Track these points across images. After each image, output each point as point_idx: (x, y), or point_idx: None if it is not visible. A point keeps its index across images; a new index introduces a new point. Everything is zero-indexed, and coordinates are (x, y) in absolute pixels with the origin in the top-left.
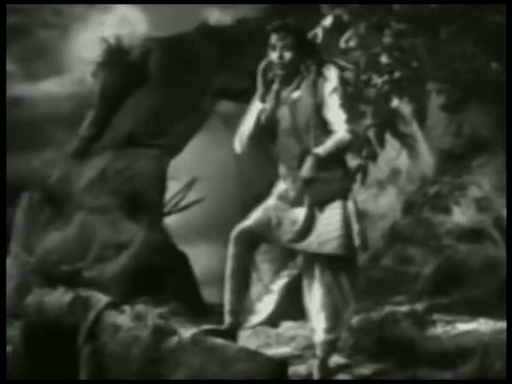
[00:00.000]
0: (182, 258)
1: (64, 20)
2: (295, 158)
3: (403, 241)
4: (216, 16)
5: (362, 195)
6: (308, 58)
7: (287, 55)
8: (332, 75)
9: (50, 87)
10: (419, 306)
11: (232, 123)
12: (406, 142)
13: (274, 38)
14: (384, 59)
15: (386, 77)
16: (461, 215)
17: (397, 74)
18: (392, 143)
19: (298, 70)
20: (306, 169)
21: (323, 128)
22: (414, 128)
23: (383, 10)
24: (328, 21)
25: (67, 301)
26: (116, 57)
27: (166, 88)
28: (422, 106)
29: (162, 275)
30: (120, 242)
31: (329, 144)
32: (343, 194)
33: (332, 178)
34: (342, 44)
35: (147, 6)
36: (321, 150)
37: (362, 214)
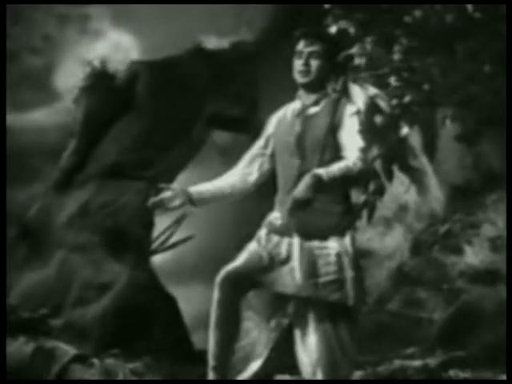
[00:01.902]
0: (169, 301)
1: (53, 46)
2: (293, 179)
3: (411, 283)
4: (213, 43)
5: (367, 234)
6: (336, 73)
7: (314, 63)
8: (358, 97)
9: (38, 117)
10: (432, 361)
11: (229, 155)
12: (415, 176)
13: (301, 45)
14: (393, 81)
15: (394, 101)
16: (473, 256)
17: (407, 98)
18: (399, 177)
19: (323, 84)
20: (301, 189)
21: (334, 152)
22: (424, 161)
23: (392, 22)
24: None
25: (28, 352)
26: (100, 81)
27: (154, 115)
28: (432, 136)
29: (148, 320)
30: (102, 283)
31: (334, 168)
32: (340, 232)
33: (330, 211)
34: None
35: (140, 32)
36: (323, 171)
37: (365, 255)
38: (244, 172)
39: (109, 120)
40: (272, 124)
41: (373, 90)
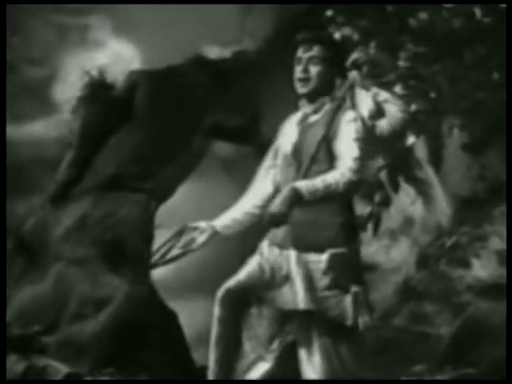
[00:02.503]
0: (170, 316)
1: (53, 57)
2: None
3: (418, 297)
4: (215, 53)
5: (372, 247)
6: (338, 78)
7: (313, 69)
8: (363, 102)
9: (37, 129)
10: (442, 378)
11: (231, 167)
12: (421, 188)
13: (300, 51)
14: (398, 89)
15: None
16: (481, 269)
17: (413, 107)
18: (405, 189)
19: (323, 92)
20: (277, 203)
21: (327, 163)
22: (429, 172)
23: (397, 28)
24: (354, 56)
25: (20, 371)
26: (98, 91)
27: (154, 125)
28: (438, 146)
29: (147, 336)
30: (100, 298)
31: (317, 181)
32: (339, 244)
33: (327, 223)
34: (348, 65)
35: (141, 42)
36: (303, 185)
37: (370, 268)
38: (260, 187)
39: (107, 131)
40: (280, 133)
41: (384, 95)
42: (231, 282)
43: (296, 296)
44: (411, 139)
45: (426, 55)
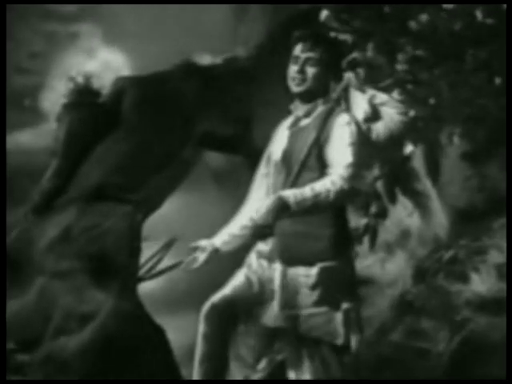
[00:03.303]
0: (157, 332)
1: (41, 65)
2: None
3: (415, 312)
4: (206, 59)
5: (367, 260)
6: (335, 81)
7: (310, 71)
8: (359, 105)
9: (24, 138)
10: None
11: (224, 179)
12: (418, 200)
13: (298, 49)
14: (396, 95)
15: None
16: (480, 283)
17: (411, 113)
18: (401, 200)
19: (318, 94)
20: (261, 213)
21: (317, 171)
22: (427, 184)
23: (396, 29)
24: (350, 56)
25: None
26: (84, 97)
27: (141, 134)
28: (436, 156)
29: (133, 352)
30: (84, 313)
31: (306, 190)
32: (330, 258)
33: (317, 235)
34: (343, 66)
35: (132, 51)
36: (291, 194)
37: (365, 283)
38: (256, 198)
39: (93, 139)
40: (272, 139)
41: (381, 97)
42: (217, 297)
43: (275, 312)
44: (409, 148)
45: (425, 58)
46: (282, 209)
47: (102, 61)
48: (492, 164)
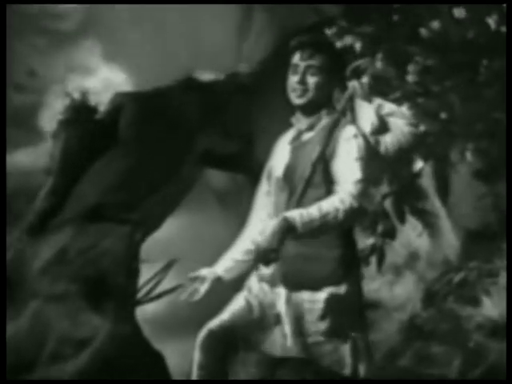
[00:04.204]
0: (155, 358)
1: (40, 83)
2: None
3: (424, 337)
4: (207, 75)
5: (374, 283)
6: (339, 90)
7: (311, 80)
8: (365, 116)
9: (22, 158)
10: None
11: (226, 199)
12: (427, 220)
13: (297, 57)
14: (405, 108)
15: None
16: (492, 307)
17: (421, 128)
18: (410, 220)
19: (321, 105)
20: (266, 237)
21: (324, 187)
22: (436, 203)
23: (406, 37)
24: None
25: None
26: (80, 114)
27: (140, 151)
28: (447, 173)
29: (130, 379)
30: (80, 338)
31: (313, 210)
32: (337, 281)
33: (323, 257)
34: (347, 73)
35: (133, 68)
36: (297, 215)
37: (373, 306)
38: (259, 218)
39: (90, 157)
40: (272, 153)
41: (389, 107)
42: (214, 323)
43: (285, 341)
44: (419, 164)
45: (436, 69)
46: (287, 231)
47: (102, 78)
48: (504, 182)
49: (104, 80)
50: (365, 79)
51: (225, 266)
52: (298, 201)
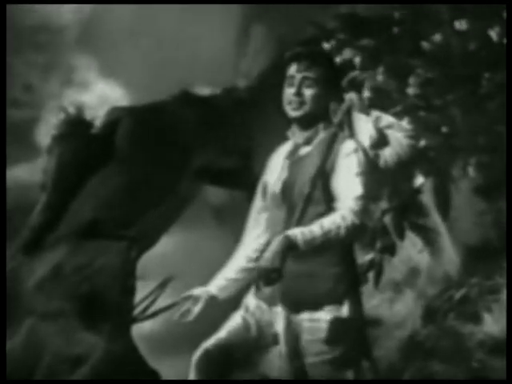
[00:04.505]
0: (151, 376)
1: (36, 98)
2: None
3: (425, 355)
4: (206, 92)
5: (374, 300)
6: (335, 102)
7: (308, 92)
8: (363, 130)
9: (19, 173)
10: None
11: (224, 215)
12: (428, 236)
13: (293, 69)
14: (406, 122)
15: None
16: (494, 324)
17: (422, 143)
18: (410, 236)
19: (318, 118)
20: (268, 256)
21: (324, 204)
22: (436, 218)
23: (408, 50)
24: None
25: None
26: (76, 129)
27: (136, 167)
28: (447, 189)
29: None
30: (75, 356)
31: (315, 228)
32: (338, 299)
33: (323, 275)
34: (344, 85)
35: (130, 83)
36: (298, 233)
37: (372, 323)
38: (254, 236)
39: (85, 172)
40: (266, 168)
41: (387, 120)
42: (210, 343)
43: (282, 362)
44: (420, 180)
45: (438, 82)
46: (289, 249)
47: (98, 94)
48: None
49: (101, 95)
50: (365, 93)
51: (218, 284)
52: (299, 219)
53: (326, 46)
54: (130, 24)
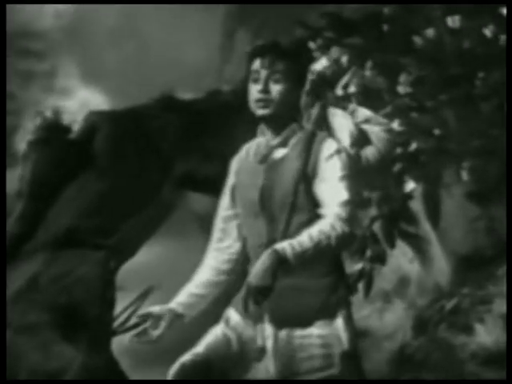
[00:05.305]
0: None
1: (16, 105)
2: (262, 251)
3: (416, 367)
4: (188, 96)
5: (363, 310)
6: (309, 98)
7: (275, 88)
8: (342, 126)
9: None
10: None
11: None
12: (418, 245)
13: (257, 64)
14: (396, 125)
15: (398, 150)
16: (486, 335)
17: (413, 146)
18: (400, 245)
19: (291, 116)
20: (257, 273)
21: (308, 211)
22: (426, 226)
23: (399, 47)
24: (320, 65)
25: None
26: (52, 134)
27: (115, 173)
28: (437, 195)
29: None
30: (53, 370)
31: (304, 238)
32: (330, 313)
33: (313, 288)
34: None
35: (112, 90)
36: (287, 246)
37: (361, 335)
38: (221, 247)
39: (62, 179)
40: (233, 171)
41: (363, 113)
42: (187, 357)
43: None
44: (411, 185)
45: (430, 81)
46: (280, 265)
47: (80, 100)
48: (501, 204)
49: (82, 101)
50: (352, 89)
51: (183, 302)
52: (284, 229)
53: (313, 45)
54: (112, 30)
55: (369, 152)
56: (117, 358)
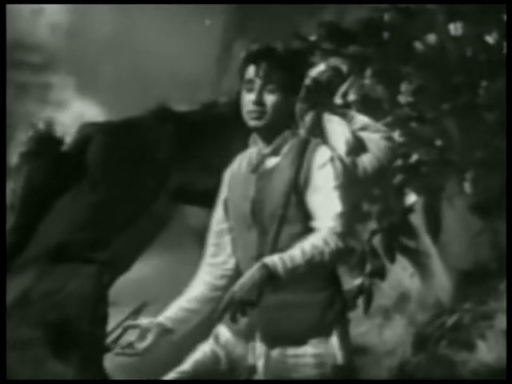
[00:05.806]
0: None
1: (10, 118)
2: (253, 263)
3: None
4: (184, 108)
5: (362, 326)
6: (304, 104)
7: (270, 99)
8: (337, 134)
9: None
10: None
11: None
12: (418, 259)
13: (251, 71)
14: (397, 136)
15: (398, 162)
16: (487, 352)
17: (414, 157)
18: (400, 260)
19: (284, 125)
20: (243, 287)
21: (300, 223)
22: (426, 240)
23: (400, 54)
24: (316, 70)
25: None
26: (45, 146)
27: (109, 186)
28: (438, 208)
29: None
30: None
31: (295, 253)
32: (325, 330)
33: (307, 304)
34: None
35: (108, 102)
36: (278, 261)
37: (360, 352)
38: (216, 262)
39: (54, 192)
40: (225, 183)
41: (361, 120)
42: (173, 375)
43: None
44: (412, 198)
45: (432, 90)
46: (269, 280)
47: (75, 112)
48: (504, 217)
49: (77, 113)
50: (351, 97)
51: (174, 316)
52: (273, 241)
53: (312, 58)
54: (107, 41)
55: (366, 161)
56: (110, 374)
